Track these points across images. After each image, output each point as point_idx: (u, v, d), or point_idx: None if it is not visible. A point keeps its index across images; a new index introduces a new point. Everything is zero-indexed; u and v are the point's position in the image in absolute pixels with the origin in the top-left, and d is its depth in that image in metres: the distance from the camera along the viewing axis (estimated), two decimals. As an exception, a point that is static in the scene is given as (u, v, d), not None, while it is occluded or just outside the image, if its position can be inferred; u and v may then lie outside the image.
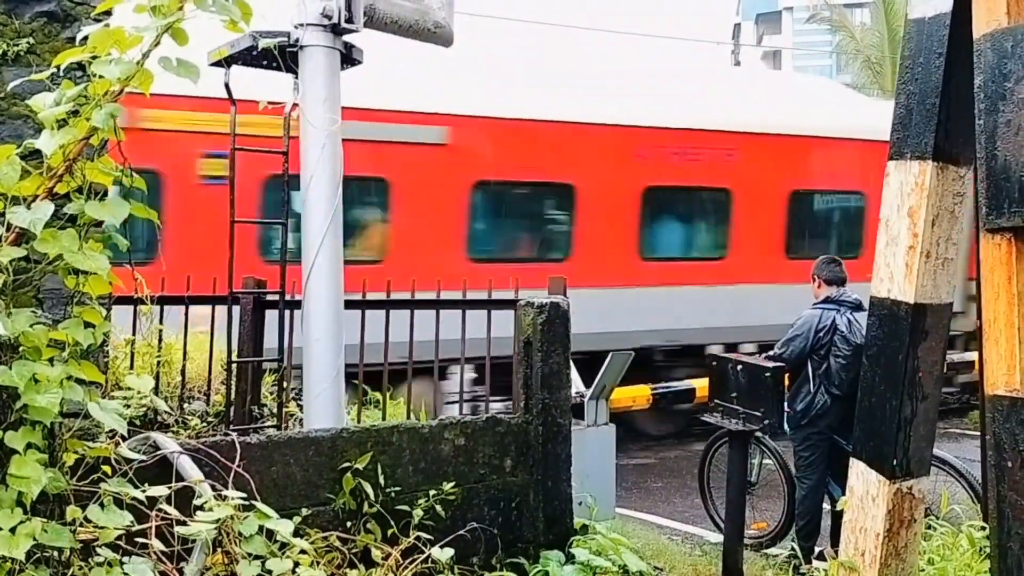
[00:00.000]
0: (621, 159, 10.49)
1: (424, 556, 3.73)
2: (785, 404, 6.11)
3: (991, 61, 3.08)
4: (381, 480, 3.86)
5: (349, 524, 3.78)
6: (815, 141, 11.78)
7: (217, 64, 4.75)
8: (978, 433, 5.43)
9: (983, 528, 4.61)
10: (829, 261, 6.66)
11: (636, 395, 10.09)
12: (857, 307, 6.30)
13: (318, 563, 3.43)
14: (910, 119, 3.94)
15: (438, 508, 3.96)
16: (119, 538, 2.94)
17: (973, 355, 10.42)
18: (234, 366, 5.27)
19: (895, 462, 3.97)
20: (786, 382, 6.09)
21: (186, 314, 5.36)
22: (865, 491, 4.08)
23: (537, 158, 10.09)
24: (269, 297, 5.68)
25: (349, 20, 4.53)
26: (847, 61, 29.38)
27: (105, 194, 2.98)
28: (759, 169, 11.34)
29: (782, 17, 51.96)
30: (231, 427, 4.93)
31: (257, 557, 3.09)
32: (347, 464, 3.80)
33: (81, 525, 2.88)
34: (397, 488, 3.92)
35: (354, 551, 3.70)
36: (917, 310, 3.89)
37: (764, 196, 11.45)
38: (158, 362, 5.40)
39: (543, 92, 10.51)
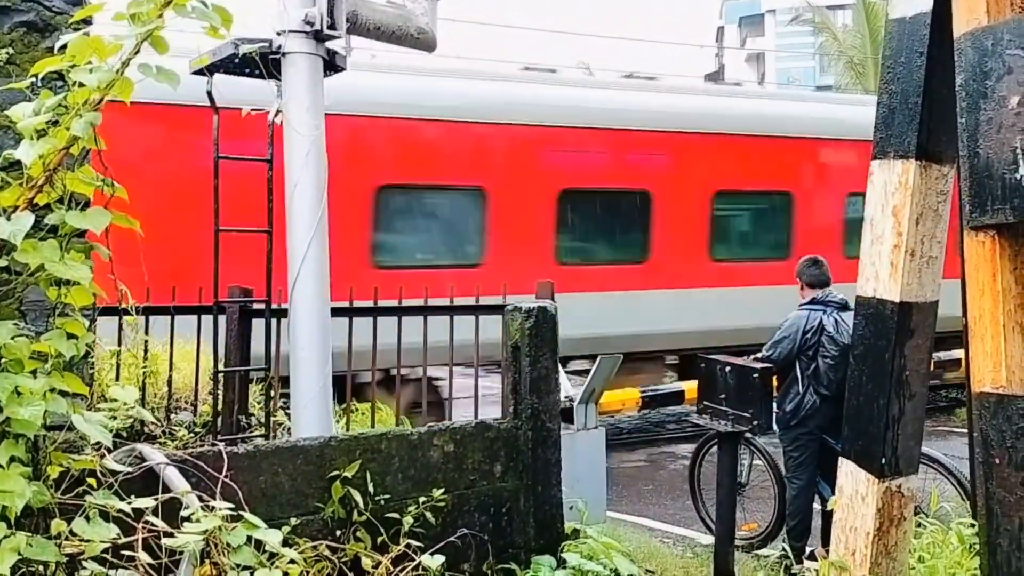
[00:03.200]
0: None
1: (415, 563, 3.71)
2: (774, 405, 6.13)
3: (972, 60, 3.10)
4: (370, 488, 3.84)
5: (339, 533, 3.76)
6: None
7: (199, 72, 4.73)
8: (966, 431, 5.45)
9: (972, 525, 4.62)
10: (812, 263, 6.68)
11: (625, 398, 10.10)
12: (843, 307, 6.33)
13: (308, 573, 3.41)
14: (893, 119, 3.96)
15: (428, 515, 3.94)
16: (105, 551, 2.91)
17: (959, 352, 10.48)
18: (221, 376, 5.24)
19: (884, 461, 3.98)
20: (774, 383, 6.11)
21: (172, 324, 5.33)
22: (855, 490, 4.09)
23: None
24: (255, 306, 5.66)
25: (331, 27, 4.52)
26: (830, 62, 29.54)
27: (87, 204, 2.95)
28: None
29: (765, 20, 52.23)
30: (218, 437, 4.90)
31: (246, 568, 3.06)
32: (336, 472, 3.78)
33: (67, 539, 2.85)
34: (387, 496, 3.90)
35: (344, 560, 3.67)
36: (903, 308, 3.91)
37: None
38: (144, 373, 5.36)
39: None
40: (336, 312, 4.87)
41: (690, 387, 9.70)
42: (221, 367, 5.22)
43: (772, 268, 11.17)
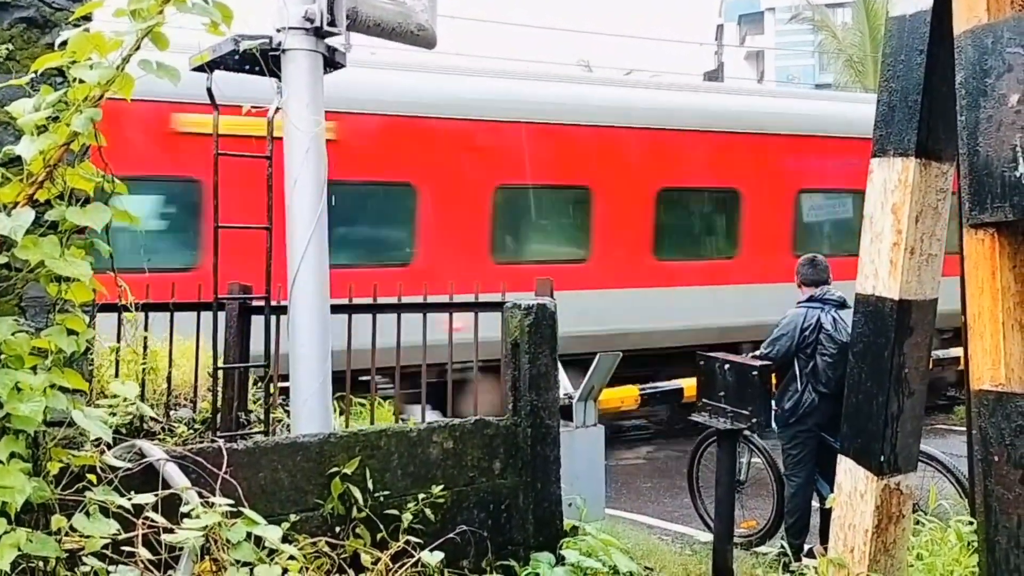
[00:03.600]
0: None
1: (414, 560, 3.71)
2: (773, 403, 6.13)
3: (972, 57, 3.10)
4: (370, 485, 3.84)
5: (338, 529, 3.76)
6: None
7: (199, 69, 4.73)
8: (964, 429, 5.45)
9: (971, 523, 4.63)
10: (810, 261, 6.69)
11: (624, 396, 10.10)
12: (841, 305, 6.34)
13: (307, 569, 3.41)
14: (892, 116, 3.96)
15: (427, 512, 3.95)
16: (105, 547, 2.91)
17: (958, 351, 10.48)
18: (220, 372, 5.24)
19: (883, 458, 3.99)
20: (773, 380, 6.11)
21: (171, 320, 5.33)
22: (853, 488, 4.09)
23: None
24: (255, 303, 5.66)
25: (331, 23, 4.52)
26: (829, 60, 29.53)
27: (87, 200, 2.95)
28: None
29: (764, 18, 52.19)
30: (218, 434, 4.90)
31: (245, 564, 3.06)
32: (335, 469, 3.78)
33: (67, 534, 2.85)
34: (386, 492, 3.90)
35: (343, 556, 3.68)
36: (902, 306, 3.91)
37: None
38: (143, 369, 5.36)
39: None
40: (335, 309, 4.87)
41: (689, 385, 9.71)
42: (221, 364, 5.22)
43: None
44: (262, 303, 5.06)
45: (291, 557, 3.22)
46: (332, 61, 4.75)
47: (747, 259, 11.39)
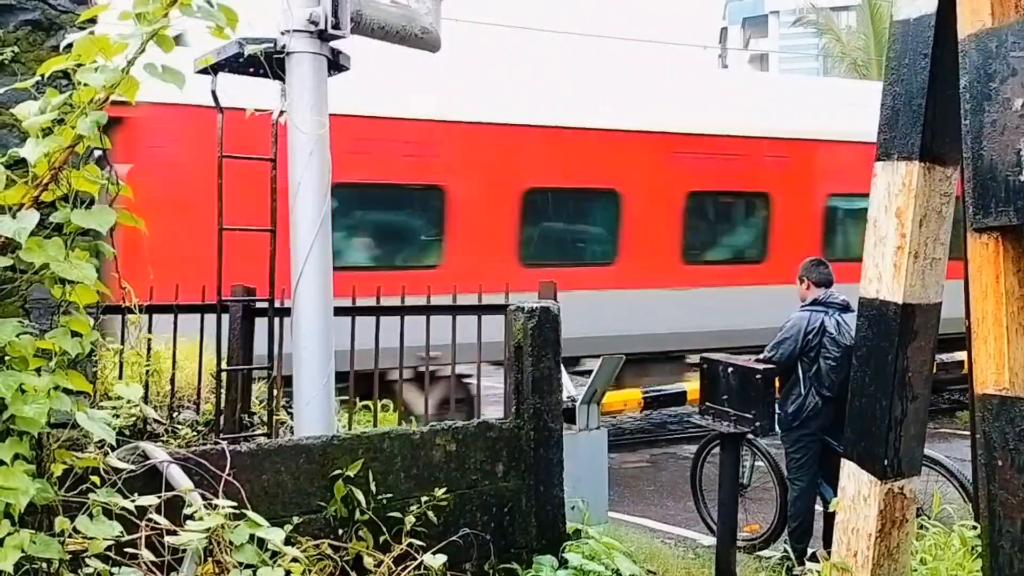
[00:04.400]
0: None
1: (416, 563, 3.71)
2: (776, 406, 6.12)
3: (976, 62, 3.10)
4: (373, 487, 3.84)
5: (341, 532, 3.76)
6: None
7: (204, 72, 4.74)
8: (968, 433, 5.44)
9: (974, 527, 4.62)
10: (816, 263, 6.68)
11: (627, 399, 10.10)
12: (845, 308, 6.33)
13: (310, 571, 3.41)
14: (897, 120, 3.96)
15: (430, 514, 3.95)
16: (109, 549, 2.92)
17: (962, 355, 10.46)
18: (224, 374, 5.25)
19: (886, 462, 3.98)
20: (776, 384, 6.10)
21: (175, 323, 5.34)
22: (857, 492, 4.09)
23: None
24: (258, 305, 5.66)
25: (336, 26, 4.52)
26: (833, 64, 29.54)
27: (91, 202, 2.96)
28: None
29: (768, 21, 52.21)
30: (221, 436, 4.91)
31: (248, 566, 3.07)
32: (338, 471, 3.79)
33: (70, 536, 2.85)
34: (389, 495, 3.90)
35: (346, 559, 3.68)
36: (906, 310, 3.91)
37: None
38: (147, 371, 5.37)
39: None
40: (338, 312, 4.88)
41: (692, 388, 9.70)
42: (224, 366, 5.22)
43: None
44: (266, 305, 5.07)
45: (294, 559, 3.23)
46: (336, 64, 4.76)
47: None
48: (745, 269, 11.49)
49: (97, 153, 2.95)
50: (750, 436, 6.13)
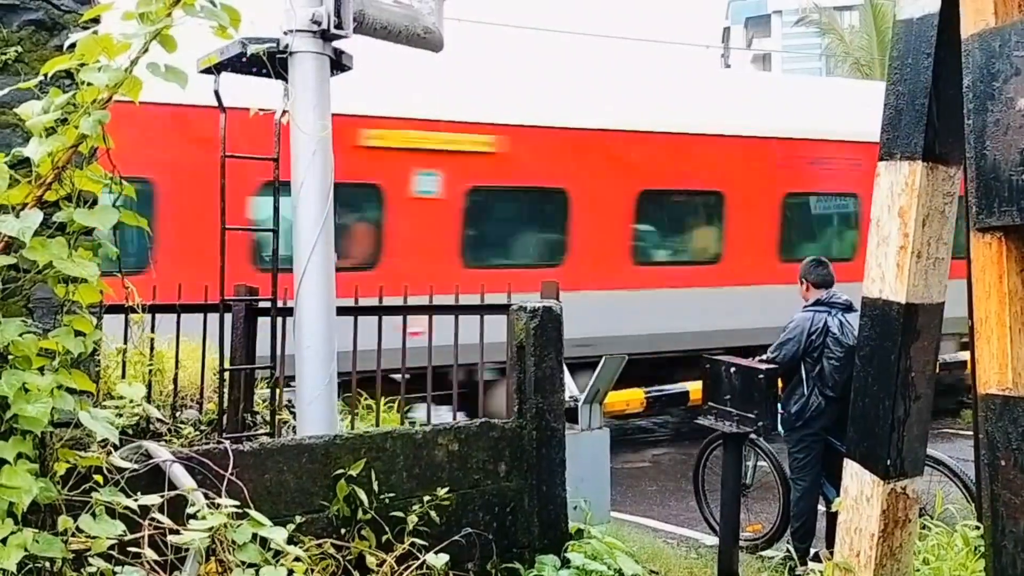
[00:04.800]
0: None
1: (419, 562, 3.72)
2: (779, 406, 6.12)
3: (979, 61, 3.09)
4: (375, 486, 3.84)
5: (343, 531, 3.76)
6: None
7: (207, 71, 4.74)
8: (971, 433, 5.44)
9: (977, 527, 4.61)
10: (817, 264, 6.68)
11: (630, 399, 10.11)
12: (848, 308, 6.32)
13: (312, 571, 3.41)
14: (899, 120, 3.95)
15: (432, 514, 3.95)
16: (112, 548, 2.92)
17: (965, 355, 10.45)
18: (227, 374, 5.25)
19: (889, 462, 3.98)
20: (779, 384, 6.10)
21: (177, 322, 5.34)
22: (859, 492, 4.09)
23: None
24: (261, 304, 5.66)
25: (339, 26, 4.52)
26: (836, 63, 29.51)
27: (95, 202, 2.97)
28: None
29: (771, 20, 52.18)
30: (224, 435, 4.91)
31: (251, 565, 3.07)
32: (341, 471, 3.79)
33: (73, 535, 2.86)
34: (391, 494, 3.90)
35: (348, 558, 3.68)
36: (909, 310, 3.90)
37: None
38: (150, 371, 5.38)
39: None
40: (341, 311, 4.88)
41: (695, 388, 9.70)
42: (227, 365, 5.23)
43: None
44: (268, 304, 5.07)
45: (296, 558, 3.23)
46: (339, 64, 4.76)
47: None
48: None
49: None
50: (752, 436, 6.12)
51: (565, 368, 4.74)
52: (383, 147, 9.55)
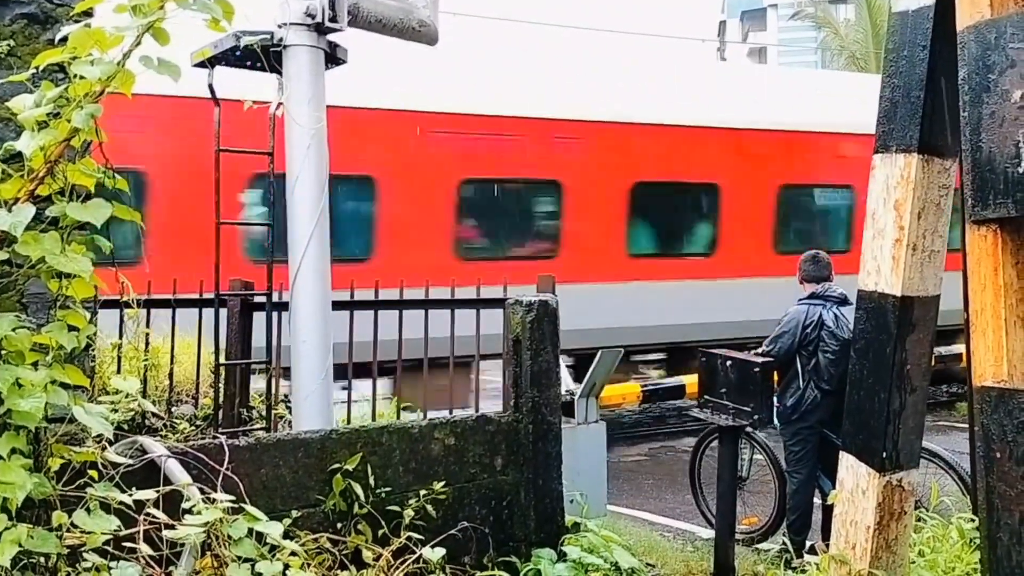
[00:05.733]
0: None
1: (415, 556, 3.71)
2: (775, 399, 6.13)
3: (975, 53, 3.09)
4: (371, 481, 3.84)
5: (340, 525, 3.76)
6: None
7: (200, 65, 4.72)
8: (966, 426, 5.44)
9: (973, 520, 4.62)
10: (812, 258, 6.68)
11: (626, 392, 10.11)
12: (843, 301, 6.33)
13: (308, 565, 3.41)
14: (895, 112, 3.95)
15: (429, 508, 3.95)
16: (107, 543, 2.92)
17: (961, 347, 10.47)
18: (222, 369, 5.24)
19: (884, 455, 3.98)
20: (775, 377, 6.10)
21: (173, 317, 5.33)
22: (855, 484, 4.09)
23: None
24: (256, 299, 5.65)
25: (333, 19, 4.51)
26: (832, 57, 29.50)
27: (88, 196, 2.95)
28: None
29: (767, 14, 52.14)
30: (219, 430, 4.91)
31: (247, 560, 3.07)
32: (337, 465, 3.79)
33: (68, 530, 2.85)
34: (387, 489, 3.90)
35: (345, 552, 3.68)
36: (904, 303, 3.90)
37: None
38: (145, 366, 5.36)
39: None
40: (336, 305, 4.87)
41: (691, 381, 9.71)
42: (222, 360, 5.22)
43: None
44: (264, 299, 5.06)
45: (292, 553, 3.23)
46: (333, 57, 4.75)
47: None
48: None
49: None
50: (748, 429, 6.13)
51: (561, 362, 4.74)
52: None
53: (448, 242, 9.95)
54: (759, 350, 6.46)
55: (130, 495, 2.99)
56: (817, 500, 6.38)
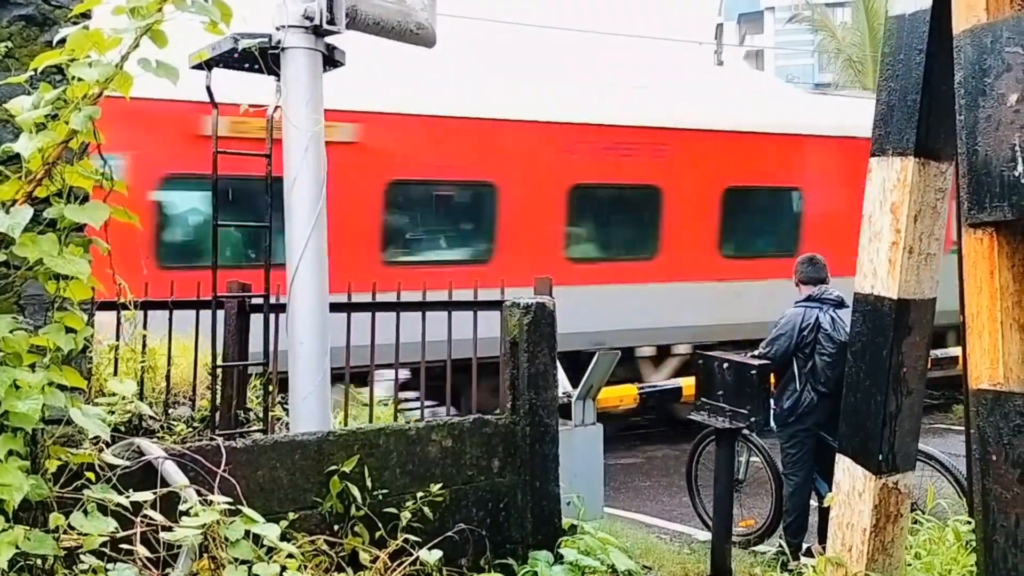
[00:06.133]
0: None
1: (412, 558, 3.71)
2: (771, 402, 6.14)
3: (971, 57, 3.10)
4: (368, 483, 3.84)
5: (337, 527, 3.76)
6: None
7: (198, 67, 4.72)
8: (963, 428, 5.46)
9: (969, 522, 4.63)
10: (809, 261, 6.69)
11: (623, 395, 10.11)
12: (839, 304, 6.34)
13: (305, 567, 3.41)
14: (891, 116, 3.96)
15: (426, 510, 3.95)
16: (104, 545, 2.91)
17: (957, 350, 10.48)
18: (219, 371, 5.24)
19: (881, 457, 3.99)
20: (772, 380, 6.11)
21: (170, 319, 5.33)
22: (851, 487, 4.10)
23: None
24: (254, 300, 5.65)
25: (331, 22, 4.51)
26: (829, 60, 29.54)
27: (86, 198, 2.95)
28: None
29: (764, 17, 52.21)
30: (216, 432, 4.90)
31: (244, 562, 3.07)
32: (334, 467, 3.78)
33: (65, 532, 2.85)
34: (384, 491, 3.90)
35: (342, 555, 3.68)
36: (901, 306, 3.91)
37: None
38: (142, 367, 5.36)
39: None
40: (335, 308, 4.87)
41: (687, 383, 9.71)
42: (220, 362, 5.22)
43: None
44: (261, 301, 5.06)
45: (289, 555, 3.23)
46: (331, 59, 4.75)
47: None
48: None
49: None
50: (745, 432, 6.13)
51: (558, 364, 4.74)
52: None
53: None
54: (756, 352, 6.47)
55: (127, 497, 2.99)
56: (813, 503, 6.39)
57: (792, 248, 10.84)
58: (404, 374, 6.22)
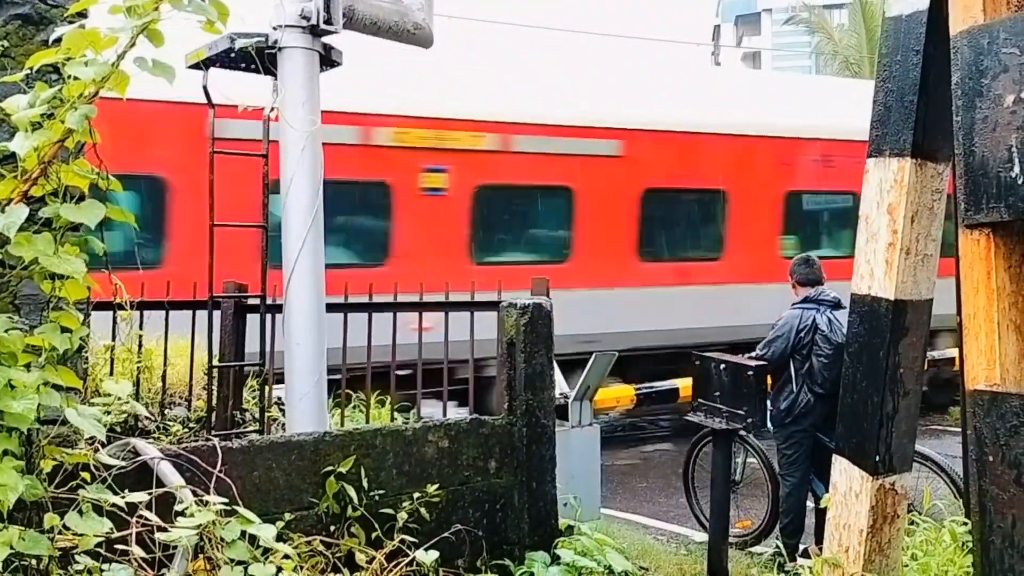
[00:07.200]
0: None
1: (409, 559, 3.71)
2: (768, 403, 6.13)
3: (968, 58, 3.10)
4: (365, 483, 3.83)
5: (333, 528, 3.75)
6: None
7: (195, 67, 4.71)
8: (959, 429, 5.46)
9: (965, 523, 4.63)
10: (805, 261, 6.69)
11: (620, 395, 10.12)
12: (836, 305, 6.34)
13: (301, 568, 3.40)
14: (889, 117, 3.96)
15: (422, 511, 3.94)
16: (99, 545, 2.90)
17: (954, 351, 10.49)
18: (215, 371, 5.23)
19: (877, 458, 3.99)
20: (768, 381, 6.11)
21: (166, 319, 5.32)
22: (848, 488, 4.10)
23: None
24: (250, 301, 5.64)
25: (328, 21, 4.51)
26: (826, 61, 29.60)
27: (82, 197, 2.94)
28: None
29: (761, 19, 52.31)
30: (212, 432, 4.89)
31: (240, 563, 3.06)
32: (330, 468, 3.78)
33: (60, 533, 2.84)
34: (381, 491, 3.89)
35: (338, 555, 3.67)
36: (897, 306, 3.92)
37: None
38: (138, 368, 5.35)
39: None
40: (331, 308, 4.86)
41: (685, 385, 9.72)
42: (216, 362, 5.21)
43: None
44: (257, 301, 5.05)
45: (285, 556, 3.22)
46: (328, 59, 4.75)
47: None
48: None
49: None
50: (742, 433, 6.13)
51: (555, 364, 4.74)
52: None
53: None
54: (752, 354, 6.47)
55: (122, 497, 2.98)
56: (810, 503, 6.38)
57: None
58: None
